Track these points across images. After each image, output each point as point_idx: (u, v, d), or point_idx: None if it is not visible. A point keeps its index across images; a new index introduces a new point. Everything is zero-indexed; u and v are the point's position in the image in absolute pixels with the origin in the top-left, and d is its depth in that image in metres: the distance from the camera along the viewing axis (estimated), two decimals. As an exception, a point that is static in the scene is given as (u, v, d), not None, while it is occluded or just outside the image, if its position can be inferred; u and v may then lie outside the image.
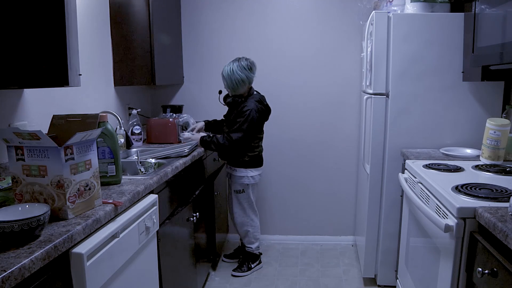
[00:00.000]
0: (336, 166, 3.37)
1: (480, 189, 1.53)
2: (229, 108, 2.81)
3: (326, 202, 3.43)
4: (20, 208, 1.17)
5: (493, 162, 1.99)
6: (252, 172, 2.80)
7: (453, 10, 2.43)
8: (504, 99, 2.41)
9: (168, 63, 3.01)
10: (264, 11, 3.25)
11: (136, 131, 2.68)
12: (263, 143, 2.92)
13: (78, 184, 1.28)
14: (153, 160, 2.27)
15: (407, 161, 2.15)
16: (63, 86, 1.46)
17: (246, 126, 2.63)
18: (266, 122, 2.85)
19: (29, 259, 0.96)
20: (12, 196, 1.29)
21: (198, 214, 2.37)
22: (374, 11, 2.46)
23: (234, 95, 2.73)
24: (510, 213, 1.25)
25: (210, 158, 2.87)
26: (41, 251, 1.00)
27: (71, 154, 1.26)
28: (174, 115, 2.98)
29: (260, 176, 2.88)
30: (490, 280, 1.20)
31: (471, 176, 1.80)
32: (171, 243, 2.01)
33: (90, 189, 1.34)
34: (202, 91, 3.38)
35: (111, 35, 2.59)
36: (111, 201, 1.42)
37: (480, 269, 1.24)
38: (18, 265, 0.92)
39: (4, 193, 1.35)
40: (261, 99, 2.76)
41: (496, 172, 1.82)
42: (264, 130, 2.86)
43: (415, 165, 2.02)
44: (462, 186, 1.57)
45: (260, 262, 3.02)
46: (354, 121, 3.30)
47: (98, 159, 1.45)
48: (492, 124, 2.00)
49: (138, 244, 1.53)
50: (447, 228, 1.41)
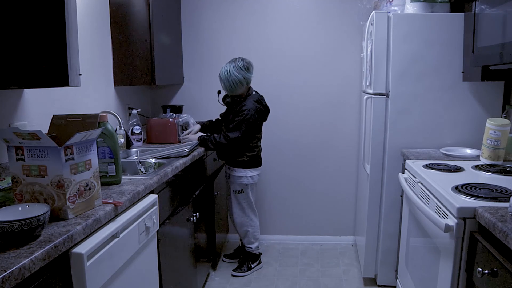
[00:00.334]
0: (336, 166, 3.37)
1: (480, 189, 1.53)
2: (227, 108, 2.81)
3: (326, 202, 3.43)
4: (20, 208, 1.17)
5: (493, 162, 1.99)
6: (251, 172, 2.80)
7: (453, 10, 2.43)
8: (504, 99, 2.41)
9: (168, 63, 3.01)
10: (264, 11, 3.25)
11: (136, 131, 2.68)
12: (262, 143, 2.92)
13: (78, 184, 1.28)
14: (153, 160, 2.27)
15: (407, 161, 2.15)
16: (63, 86, 1.46)
17: (244, 126, 2.63)
18: (265, 122, 2.86)
19: (29, 259, 0.96)
20: (12, 196, 1.29)
21: (198, 214, 2.37)
22: (374, 11, 2.46)
23: (232, 95, 2.74)
24: (510, 213, 1.25)
25: (210, 158, 2.87)
26: (41, 251, 1.00)
27: (71, 154, 1.26)
28: (174, 115, 2.98)
29: (259, 176, 2.88)
30: (490, 280, 1.20)
31: (471, 176, 1.80)
32: (171, 243, 2.01)
33: (90, 189, 1.34)
34: (202, 91, 3.38)
35: (111, 35, 2.59)
36: (111, 201, 1.42)
37: (480, 269, 1.24)
38: (18, 265, 0.92)
39: (4, 193, 1.35)
40: (260, 99, 2.76)
41: (496, 172, 1.82)
42: (262, 130, 2.86)
43: (415, 165, 2.02)
44: (462, 186, 1.57)
45: (260, 262, 3.02)
46: (354, 121, 3.29)
47: (98, 159, 1.45)
48: (492, 124, 2.00)
49: (138, 244, 1.53)
50: (447, 228, 1.41)
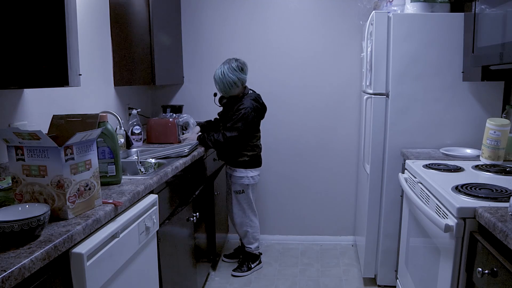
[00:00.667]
0: (336, 166, 3.37)
1: (480, 189, 1.53)
2: (225, 107, 2.81)
3: (326, 202, 3.43)
4: (20, 208, 1.17)
5: (493, 162, 1.99)
6: (252, 173, 2.81)
7: (453, 10, 2.43)
8: (504, 99, 2.41)
9: (168, 63, 3.01)
10: (264, 11, 3.25)
11: (136, 131, 2.68)
12: (262, 143, 2.92)
13: (78, 184, 1.28)
14: (153, 160, 2.27)
15: (407, 161, 2.15)
16: (63, 86, 1.46)
17: (241, 124, 2.63)
18: (265, 122, 2.86)
19: (29, 259, 0.96)
20: (12, 196, 1.29)
21: (198, 214, 2.37)
22: (374, 11, 2.46)
23: (229, 96, 2.74)
24: (510, 213, 1.25)
25: (210, 158, 2.87)
26: (41, 251, 1.00)
27: (71, 154, 1.26)
28: (174, 115, 2.98)
29: (259, 176, 2.89)
30: (490, 280, 1.20)
31: (471, 176, 1.80)
32: (171, 243, 2.01)
33: (90, 189, 1.34)
34: (202, 91, 3.37)
35: (111, 35, 2.59)
36: (111, 201, 1.42)
37: (480, 269, 1.24)
38: (18, 265, 0.92)
39: (4, 193, 1.35)
40: (257, 98, 2.76)
41: (496, 172, 1.82)
42: (261, 130, 2.87)
43: (415, 165, 2.02)
44: (462, 186, 1.57)
45: (260, 262, 3.02)
46: (354, 121, 3.29)
47: (98, 159, 1.45)
48: (492, 124, 2.00)
49: (138, 244, 1.53)
50: (447, 228, 1.41)
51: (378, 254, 2.65)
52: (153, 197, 1.73)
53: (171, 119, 2.83)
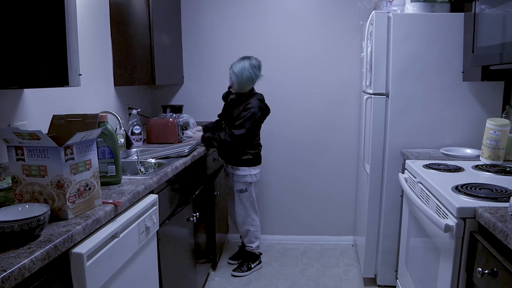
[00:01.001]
0: (336, 166, 3.37)
1: (480, 189, 1.53)
2: (229, 105, 2.81)
3: (326, 202, 3.43)
4: (20, 208, 1.17)
5: (493, 162, 1.99)
6: (255, 170, 2.83)
7: (453, 10, 2.43)
8: (504, 99, 2.41)
9: (168, 63, 3.01)
10: (264, 11, 3.25)
11: (136, 131, 2.68)
12: (262, 143, 2.93)
13: (78, 184, 1.28)
14: (153, 160, 2.27)
15: (407, 161, 2.15)
16: (63, 86, 1.46)
17: (249, 124, 2.65)
18: (265, 122, 2.86)
19: (29, 259, 0.96)
20: (12, 196, 1.29)
21: (198, 214, 2.37)
22: (374, 11, 2.46)
23: (238, 92, 2.73)
24: (510, 213, 1.25)
25: (210, 158, 2.87)
26: (41, 251, 1.00)
27: (71, 154, 1.26)
28: (174, 115, 2.98)
29: (260, 174, 2.90)
30: (490, 280, 1.20)
31: (471, 176, 1.80)
32: (171, 243, 2.01)
33: (90, 189, 1.34)
34: (202, 91, 3.38)
35: (111, 35, 2.59)
36: (111, 201, 1.42)
37: (480, 269, 1.24)
38: (18, 265, 0.92)
39: (4, 193, 1.35)
40: (262, 98, 2.79)
41: (496, 172, 1.82)
42: (261, 130, 2.88)
43: (415, 165, 2.02)
44: (462, 186, 1.57)
45: (260, 262, 3.02)
46: (354, 121, 3.29)
47: (98, 159, 1.45)
48: (492, 124, 2.00)
49: (138, 244, 1.53)
50: (447, 228, 1.41)
51: (378, 254, 2.65)
52: (153, 197, 1.73)
53: (171, 119, 2.83)
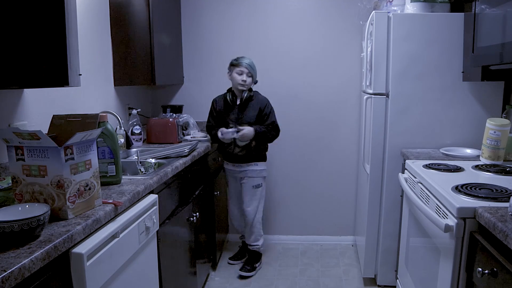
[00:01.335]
0: (336, 166, 3.37)
1: (480, 189, 1.53)
2: (241, 105, 2.76)
3: (326, 202, 3.43)
4: (20, 208, 1.17)
5: (493, 162, 1.99)
6: (266, 164, 2.90)
7: (453, 10, 2.43)
8: (504, 99, 2.41)
9: (168, 63, 3.01)
10: (264, 11, 3.25)
11: (136, 131, 2.68)
12: None
13: (78, 184, 1.28)
14: (153, 160, 2.27)
15: (407, 161, 2.15)
16: (63, 86, 1.46)
17: (275, 116, 2.79)
18: None
19: (29, 259, 0.96)
20: (12, 196, 1.29)
21: (198, 214, 2.37)
22: (374, 11, 2.46)
23: (247, 90, 2.76)
24: (510, 213, 1.25)
25: (210, 158, 2.87)
26: (41, 251, 1.00)
27: (71, 154, 1.26)
28: (174, 115, 2.98)
29: None
30: (490, 280, 1.20)
31: (471, 176, 1.80)
32: (171, 243, 2.01)
33: (90, 189, 1.34)
34: (202, 91, 3.37)
35: (111, 35, 2.59)
36: (111, 201, 1.42)
37: (480, 269, 1.24)
38: (18, 265, 0.92)
39: (4, 193, 1.35)
40: None
41: (496, 172, 1.82)
42: None
43: (415, 165, 2.02)
44: (462, 186, 1.57)
45: (261, 262, 3.02)
46: (354, 121, 3.29)
47: (98, 159, 1.45)
48: (492, 124, 2.00)
49: (138, 244, 1.53)
50: (447, 228, 1.41)
51: (378, 254, 2.65)
52: (153, 197, 1.73)
53: (171, 119, 2.83)
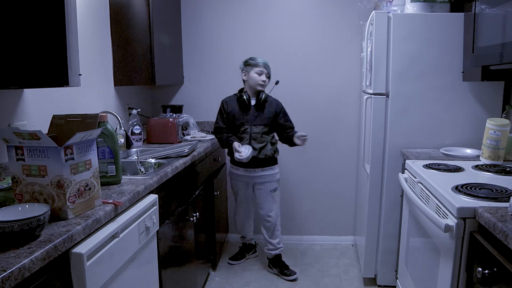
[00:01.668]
0: (336, 166, 3.37)
1: (480, 189, 1.53)
2: (257, 106, 2.72)
3: (326, 202, 3.43)
4: (20, 208, 1.17)
5: (493, 162, 1.99)
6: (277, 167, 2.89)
7: (453, 10, 2.43)
8: (504, 99, 2.41)
9: (168, 63, 3.01)
10: (264, 11, 3.25)
11: (136, 131, 2.68)
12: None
13: (78, 184, 1.28)
14: (153, 160, 2.27)
15: (407, 161, 2.15)
16: (63, 86, 1.46)
17: None
18: None
19: (29, 259, 0.96)
20: (12, 196, 1.29)
21: (198, 214, 2.37)
22: (374, 11, 2.46)
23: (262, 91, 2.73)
24: (510, 213, 1.25)
25: (210, 158, 2.87)
26: (41, 251, 1.00)
27: (71, 154, 1.26)
28: (174, 115, 2.98)
29: None
30: (490, 280, 1.20)
31: (471, 176, 1.80)
32: (171, 243, 2.01)
33: (90, 189, 1.34)
34: (202, 91, 3.38)
35: (111, 35, 2.59)
36: (111, 201, 1.42)
37: (480, 269, 1.24)
38: (18, 265, 0.92)
39: (4, 193, 1.35)
40: None
41: (496, 172, 1.82)
42: None
43: (415, 165, 2.02)
44: (462, 186, 1.57)
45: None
46: (354, 121, 3.29)
47: (98, 159, 1.45)
48: (492, 124, 2.00)
49: (138, 244, 1.53)
50: (447, 228, 1.41)
51: (378, 254, 2.65)
52: (153, 197, 1.73)
53: (171, 119, 2.83)
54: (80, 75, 1.57)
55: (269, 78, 2.73)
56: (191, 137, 2.97)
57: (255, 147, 2.68)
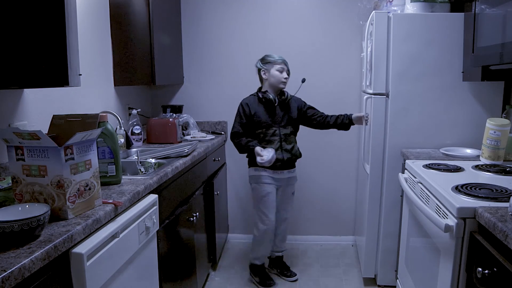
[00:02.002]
0: (336, 166, 3.37)
1: (480, 189, 1.53)
2: (282, 105, 2.63)
3: (326, 202, 3.43)
4: (20, 208, 1.17)
5: (493, 162, 1.99)
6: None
7: (453, 10, 2.43)
8: (504, 99, 2.41)
9: (168, 63, 3.01)
10: (264, 11, 3.25)
11: (136, 131, 2.68)
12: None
13: (78, 184, 1.28)
14: (153, 160, 2.27)
15: (407, 161, 2.15)
16: (63, 86, 1.46)
17: None
18: None
19: (29, 259, 0.96)
20: (12, 196, 1.29)
21: (198, 214, 2.37)
22: (374, 11, 2.46)
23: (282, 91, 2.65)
24: (510, 213, 1.25)
25: (210, 158, 2.87)
26: (41, 251, 1.00)
27: (71, 154, 1.26)
28: (174, 115, 2.98)
29: None
30: (490, 280, 1.20)
31: (471, 176, 1.80)
32: (171, 243, 2.01)
33: (90, 189, 1.34)
34: (202, 91, 3.38)
35: (111, 35, 2.59)
36: (111, 201, 1.42)
37: (480, 269, 1.24)
38: (18, 265, 0.92)
39: (4, 193, 1.35)
40: None
41: (496, 172, 1.82)
42: None
43: (415, 165, 2.02)
44: (462, 186, 1.57)
45: None
46: (354, 121, 3.29)
47: (98, 159, 1.45)
48: (492, 124, 2.00)
49: (138, 244, 1.53)
50: (447, 228, 1.41)
51: (378, 254, 2.65)
52: (153, 197, 1.73)
53: (171, 119, 2.83)
54: (80, 75, 1.57)
55: (289, 74, 2.63)
56: (191, 137, 2.97)
57: (287, 149, 2.61)
